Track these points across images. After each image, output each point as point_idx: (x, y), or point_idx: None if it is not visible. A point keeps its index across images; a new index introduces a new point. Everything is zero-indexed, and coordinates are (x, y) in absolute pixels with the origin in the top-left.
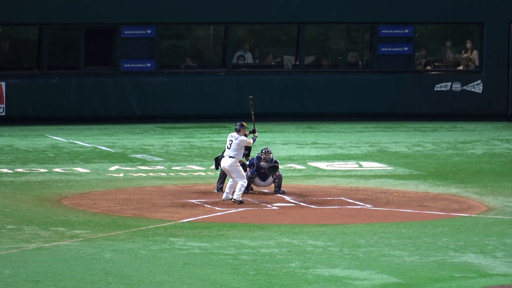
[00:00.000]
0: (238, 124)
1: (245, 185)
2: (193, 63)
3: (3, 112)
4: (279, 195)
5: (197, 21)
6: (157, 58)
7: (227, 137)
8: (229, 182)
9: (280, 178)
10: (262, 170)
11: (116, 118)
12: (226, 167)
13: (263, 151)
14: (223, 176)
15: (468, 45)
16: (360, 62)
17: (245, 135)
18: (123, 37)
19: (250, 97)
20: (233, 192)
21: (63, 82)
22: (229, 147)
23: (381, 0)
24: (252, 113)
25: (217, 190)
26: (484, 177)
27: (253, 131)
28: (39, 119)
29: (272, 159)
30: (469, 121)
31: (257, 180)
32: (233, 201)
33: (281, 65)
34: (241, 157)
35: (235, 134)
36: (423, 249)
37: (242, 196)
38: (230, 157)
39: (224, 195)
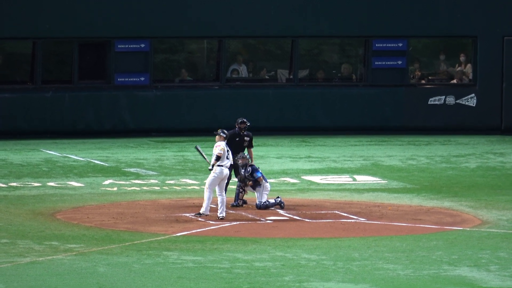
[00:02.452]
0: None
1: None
2: (188, 76)
3: None
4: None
5: (191, 35)
6: (151, 72)
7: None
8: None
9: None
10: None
11: (109, 132)
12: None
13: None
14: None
15: (462, 58)
16: (354, 76)
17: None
18: (116, 51)
19: (195, 146)
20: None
21: (57, 96)
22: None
23: (374, 14)
24: (204, 157)
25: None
26: (478, 190)
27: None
28: (32, 133)
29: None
30: (463, 134)
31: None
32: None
33: (275, 78)
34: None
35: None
36: (417, 263)
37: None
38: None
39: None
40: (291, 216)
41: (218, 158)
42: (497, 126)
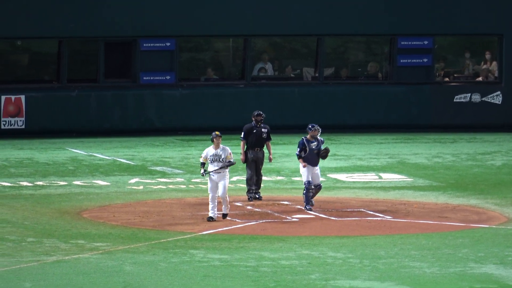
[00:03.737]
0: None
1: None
2: (214, 75)
3: (22, 125)
4: (305, 208)
5: (217, 33)
6: (177, 71)
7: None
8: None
9: (319, 189)
10: (315, 151)
11: (135, 130)
12: None
13: (313, 128)
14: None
15: (487, 56)
16: (379, 74)
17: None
18: (142, 50)
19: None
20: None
21: (83, 95)
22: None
23: (400, 12)
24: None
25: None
26: (504, 188)
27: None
28: (58, 132)
29: (321, 140)
30: (489, 132)
31: (307, 168)
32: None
33: (301, 77)
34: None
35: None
36: (443, 261)
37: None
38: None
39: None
40: (317, 214)
41: (202, 164)
42: None
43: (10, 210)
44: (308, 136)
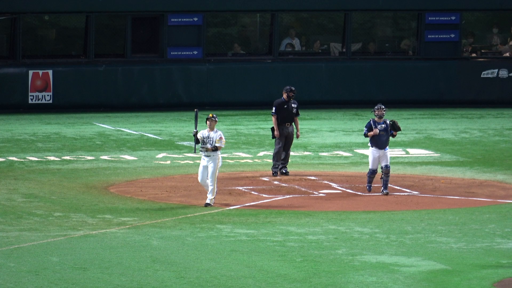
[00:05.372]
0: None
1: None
2: (241, 50)
3: (50, 100)
4: (383, 193)
5: (244, 8)
6: (204, 46)
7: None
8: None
9: (388, 174)
10: (381, 132)
11: (163, 105)
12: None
13: (377, 107)
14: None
15: None
16: (409, 52)
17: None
18: (170, 25)
19: (196, 110)
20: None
21: (110, 70)
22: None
23: None
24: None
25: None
26: None
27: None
28: (86, 106)
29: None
30: None
31: (374, 150)
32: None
33: (328, 52)
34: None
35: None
36: (469, 236)
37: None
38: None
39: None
40: (344, 189)
41: (196, 141)
42: None
43: (38, 185)
44: (376, 118)
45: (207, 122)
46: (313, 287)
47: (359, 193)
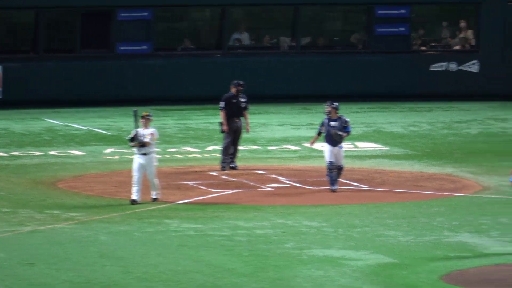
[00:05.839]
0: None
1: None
2: (191, 44)
3: (0, 95)
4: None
5: (193, 3)
6: (153, 41)
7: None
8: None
9: (340, 174)
10: (333, 130)
11: (112, 100)
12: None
13: (327, 104)
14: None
15: (462, 24)
16: (359, 45)
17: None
18: (119, 20)
19: (134, 110)
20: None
21: (60, 65)
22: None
23: None
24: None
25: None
26: (479, 156)
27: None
28: (35, 102)
29: (342, 118)
30: (465, 100)
31: (328, 147)
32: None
33: (277, 46)
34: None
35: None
36: (418, 229)
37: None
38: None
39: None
40: (292, 183)
41: (130, 139)
42: (499, 92)
43: None
44: (329, 115)
45: (142, 120)
46: (260, 281)
47: (307, 187)
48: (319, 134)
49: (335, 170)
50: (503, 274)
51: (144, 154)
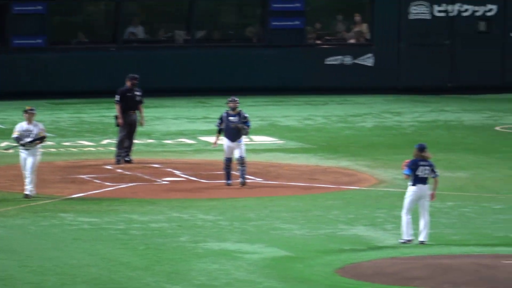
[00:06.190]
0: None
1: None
2: (86, 38)
3: None
4: (239, 181)
5: None
6: (48, 34)
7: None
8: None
9: (244, 164)
10: (232, 125)
11: (7, 94)
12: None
13: (230, 99)
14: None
15: (357, 18)
16: (254, 39)
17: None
18: (13, 13)
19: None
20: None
21: None
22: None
23: None
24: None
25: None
26: (375, 150)
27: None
28: None
29: (241, 114)
30: (360, 94)
31: (226, 143)
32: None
33: (172, 40)
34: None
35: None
36: (313, 222)
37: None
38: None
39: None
40: (188, 177)
41: (16, 139)
42: (394, 85)
43: None
44: (230, 110)
45: (25, 115)
46: (156, 274)
47: (202, 180)
48: (219, 132)
49: (231, 167)
50: (398, 267)
51: (28, 149)
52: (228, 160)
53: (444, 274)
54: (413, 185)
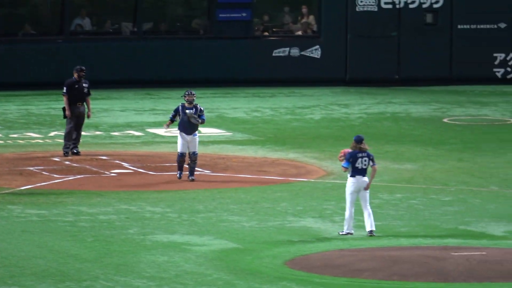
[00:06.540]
0: None
1: None
2: (32, 30)
3: None
4: (189, 179)
5: None
6: None
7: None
8: None
9: (195, 161)
10: (185, 117)
11: None
12: None
13: (187, 93)
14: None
15: (304, 10)
16: (201, 30)
17: None
18: None
19: None
20: None
21: None
22: None
23: None
24: None
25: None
26: (323, 142)
27: None
28: None
29: (197, 107)
30: (308, 86)
31: (182, 134)
32: None
33: (119, 31)
34: None
35: None
36: (262, 214)
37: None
38: None
39: None
40: (136, 169)
41: None
42: (342, 77)
43: None
44: (186, 104)
45: None
46: (104, 267)
47: (150, 172)
48: (172, 120)
49: (183, 160)
50: (347, 259)
51: None
52: (182, 155)
53: (393, 266)
54: (352, 176)
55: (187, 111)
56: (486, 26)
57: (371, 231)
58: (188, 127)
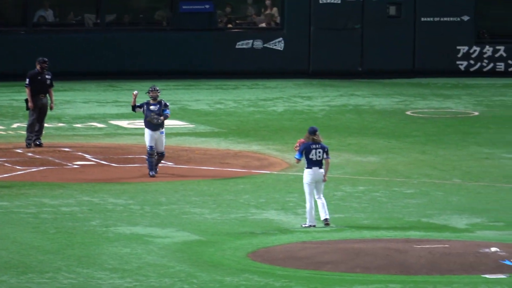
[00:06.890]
0: None
1: None
2: None
3: None
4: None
5: None
6: None
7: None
8: None
9: (163, 156)
10: (152, 114)
11: None
12: None
13: (151, 89)
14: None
15: (267, 2)
16: (164, 23)
17: None
18: None
19: None
20: None
21: None
22: None
23: None
24: None
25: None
26: (286, 134)
27: None
28: None
29: (162, 101)
30: (271, 78)
31: (148, 132)
32: None
33: (82, 23)
34: None
35: None
36: (224, 207)
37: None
38: None
39: None
40: (98, 161)
41: None
42: (305, 69)
43: None
44: (150, 100)
45: None
46: (66, 258)
47: (113, 164)
48: (133, 108)
49: (154, 155)
50: (309, 251)
51: None
52: (151, 148)
53: (356, 258)
54: (309, 168)
55: (151, 107)
56: (450, 19)
57: (326, 219)
58: (154, 124)
